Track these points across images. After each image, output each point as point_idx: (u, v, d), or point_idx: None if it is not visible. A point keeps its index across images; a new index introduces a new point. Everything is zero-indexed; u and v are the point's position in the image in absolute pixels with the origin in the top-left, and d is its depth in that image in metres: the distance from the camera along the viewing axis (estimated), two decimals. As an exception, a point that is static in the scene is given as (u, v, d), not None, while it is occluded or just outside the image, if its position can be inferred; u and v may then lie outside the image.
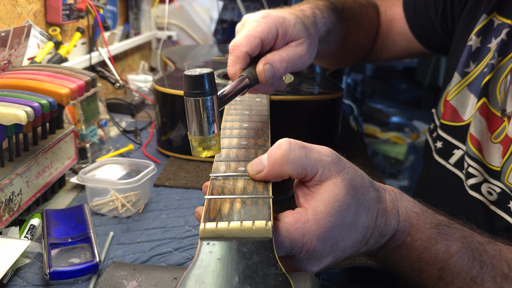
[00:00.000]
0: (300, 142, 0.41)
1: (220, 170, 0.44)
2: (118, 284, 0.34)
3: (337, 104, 0.83)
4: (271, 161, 0.40)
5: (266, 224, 0.35)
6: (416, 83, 4.16)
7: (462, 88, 0.67)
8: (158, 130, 0.87)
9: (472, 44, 0.67)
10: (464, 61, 0.68)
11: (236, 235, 0.35)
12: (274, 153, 0.40)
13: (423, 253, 0.42)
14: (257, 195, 0.39)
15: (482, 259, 0.41)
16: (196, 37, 1.58)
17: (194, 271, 0.31)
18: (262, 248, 0.33)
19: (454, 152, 0.68)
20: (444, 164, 0.70)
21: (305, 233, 0.37)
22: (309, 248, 0.37)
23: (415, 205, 0.43)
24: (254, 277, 0.30)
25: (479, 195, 0.62)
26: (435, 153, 0.73)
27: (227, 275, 0.30)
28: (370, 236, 0.41)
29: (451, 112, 0.69)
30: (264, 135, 0.55)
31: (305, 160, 0.39)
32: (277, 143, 0.40)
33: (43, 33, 0.89)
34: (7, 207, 0.55)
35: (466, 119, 0.67)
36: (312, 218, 0.38)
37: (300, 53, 0.57)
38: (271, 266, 0.31)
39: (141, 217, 0.64)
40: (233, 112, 0.65)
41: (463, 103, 0.67)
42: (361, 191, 0.40)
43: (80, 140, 0.77)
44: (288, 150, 0.39)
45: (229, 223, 0.35)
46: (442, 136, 0.71)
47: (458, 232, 0.43)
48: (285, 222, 0.38)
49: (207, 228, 0.35)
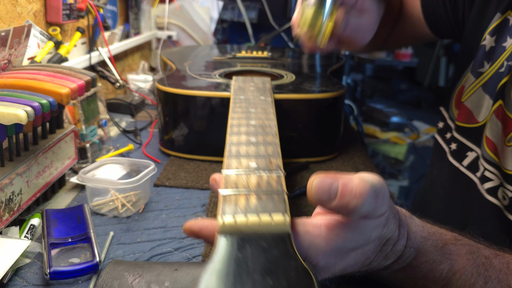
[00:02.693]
0: (374, 189, 0.35)
1: (233, 166, 0.44)
2: (120, 276, 0.34)
3: (339, 102, 0.83)
4: (342, 204, 0.35)
5: (285, 218, 0.35)
6: (416, 83, 4.17)
7: (476, 88, 0.66)
8: (160, 129, 0.87)
9: (486, 44, 0.66)
10: (478, 62, 0.67)
11: (254, 229, 0.34)
12: (351, 197, 0.34)
13: (428, 273, 0.41)
14: (272, 190, 0.39)
15: (487, 274, 0.41)
16: (196, 37, 1.58)
17: (215, 266, 0.30)
18: (281, 242, 0.33)
19: (468, 154, 0.67)
20: (457, 167, 0.68)
21: (310, 247, 0.36)
22: (312, 261, 0.37)
23: (423, 229, 0.42)
24: (276, 271, 0.30)
25: (495, 200, 0.60)
26: (449, 155, 0.71)
27: (248, 270, 0.30)
28: (374, 259, 0.40)
29: (466, 114, 0.68)
30: (272, 131, 0.55)
31: (372, 212, 0.36)
32: (357, 186, 0.35)
33: (43, 33, 0.89)
34: (7, 207, 0.55)
35: (480, 120, 0.65)
36: (324, 235, 0.37)
37: (368, 24, 0.61)
38: (292, 259, 0.31)
39: (141, 217, 0.64)
40: (239, 110, 0.64)
41: (477, 104, 0.66)
42: (388, 224, 0.39)
43: (80, 140, 0.77)
44: (365, 205, 0.34)
45: (247, 218, 0.35)
46: (457, 138, 0.69)
47: (464, 248, 0.42)
48: (295, 231, 0.37)
49: (226, 223, 0.34)
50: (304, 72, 1.01)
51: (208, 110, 0.80)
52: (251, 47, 1.37)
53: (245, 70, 1.00)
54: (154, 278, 0.34)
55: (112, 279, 0.34)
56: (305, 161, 0.82)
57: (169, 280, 0.33)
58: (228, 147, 0.49)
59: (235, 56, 1.15)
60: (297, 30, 0.59)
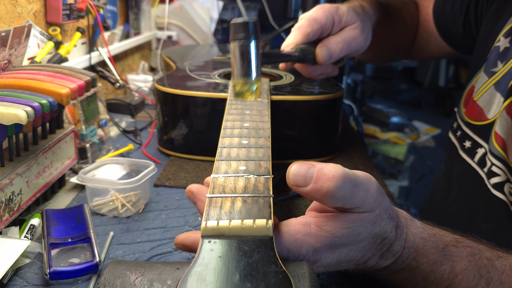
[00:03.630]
0: (351, 177, 0.37)
1: (221, 169, 0.44)
2: (122, 275, 0.34)
3: (337, 104, 0.83)
4: (317, 187, 0.36)
5: (267, 222, 0.35)
6: (416, 83, 4.17)
7: (489, 87, 0.66)
8: (159, 129, 0.87)
9: (500, 45, 0.67)
10: (492, 62, 0.67)
11: (237, 233, 0.35)
12: (324, 180, 0.36)
13: (428, 275, 0.41)
14: (257, 194, 0.39)
15: (489, 275, 0.41)
16: (196, 37, 1.58)
17: (196, 269, 0.31)
18: (262, 246, 0.33)
19: (478, 150, 0.67)
20: (469, 162, 0.69)
21: (302, 245, 0.37)
22: (304, 257, 0.38)
23: (424, 231, 0.43)
24: (255, 274, 0.30)
25: (502, 195, 0.60)
26: (461, 151, 0.72)
27: (228, 273, 0.30)
28: (370, 258, 0.40)
29: (478, 112, 0.68)
30: (264, 134, 0.55)
31: (349, 199, 0.37)
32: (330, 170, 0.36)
33: (43, 33, 0.89)
34: (7, 207, 0.55)
35: (490, 117, 0.66)
36: (313, 233, 0.38)
37: (355, 35, 0.62)
38: (272, 264, 0.31)
39: (141, 217, 0.64)
40: (234, 111, 0.65)
41: (488, 101, 0.66)
42: (378, 222, 0.39)
43: (80, 140, 0.77)
44: (338, 188, 0.36)
45: (230, 221, 0.35)
46: (469, 135, 0.70)
47: (466, 250, 0.42)
48: (285, 232, 0.38)
49: (209, 227, 0.35)
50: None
51: (206, 110, 0.80)
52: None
53: (245, 70, 1.00)
54: (156, 277, 0.34)
55: (114, 277, 0.34)
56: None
57: (171, 278, 0.34)
58: (219, 149, 0.49)
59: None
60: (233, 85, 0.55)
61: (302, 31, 0.61)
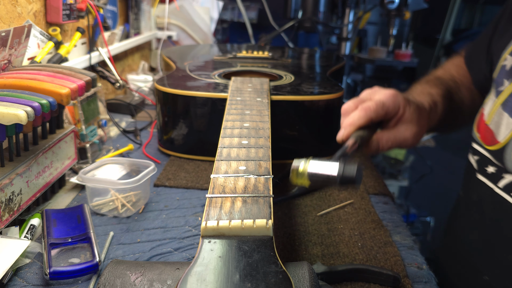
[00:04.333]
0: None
1: (221, 169, 0.44)
2: (122, 275, 0.34)
3: (337, 104, 0.83)
4: None
5: (267, 222, 0.35)
6: (416, 83, 4.16)
7: (497, 108, 0.65)
8: (159, 129, 0.87)
9: (506, 64, 0.65)
10: (498, 81, 0.66)
11: (237, 233, 0.35)
12: None
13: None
14: (257, 194, 0.39)
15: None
16: (196, 37, 1.58)
17: (196, 269, 0.31)
18: (262, 246, 0.33)
19: (504, 176, 0.65)
20: (492, 188, 0.67)
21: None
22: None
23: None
24: (255, 274, 0.30)
25: None
26: (482, 176, 0.70)
27: (228, 273, 0.30)
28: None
29: (490, 136, 0.67)
30: (264, 134, 0.55)
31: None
32: None
33: (43, 33, 0.89)
34: (7, 207, 0.55)
35: (500, 140, 0.64)
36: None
37: (406, 137, 0.63)
38: (272, 264, 0.31)
39: (141, 217, 0.64)
40: (234, 111, 0.65)
41: (497, 123, 0.65)
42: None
43: (80, 140, 0.77)
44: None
45: (230, 221, 0.35)
46: (492, 161, 0.67)
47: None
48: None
49: (209, 227, 0.35)
50: (303, 72, 1.01)
51: (206, 110, 0.80)
52: (251, 46, 1.36)
53: (244, 70, 1.00)
54: (156, 277, 0.34)
55: (115, 277, 0.34)
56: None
57: (171, 278, 0.34)
58: (219, 149, 0.49)
59: (236, 56, 1.15)
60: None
61: (367, 114, 0.59)
